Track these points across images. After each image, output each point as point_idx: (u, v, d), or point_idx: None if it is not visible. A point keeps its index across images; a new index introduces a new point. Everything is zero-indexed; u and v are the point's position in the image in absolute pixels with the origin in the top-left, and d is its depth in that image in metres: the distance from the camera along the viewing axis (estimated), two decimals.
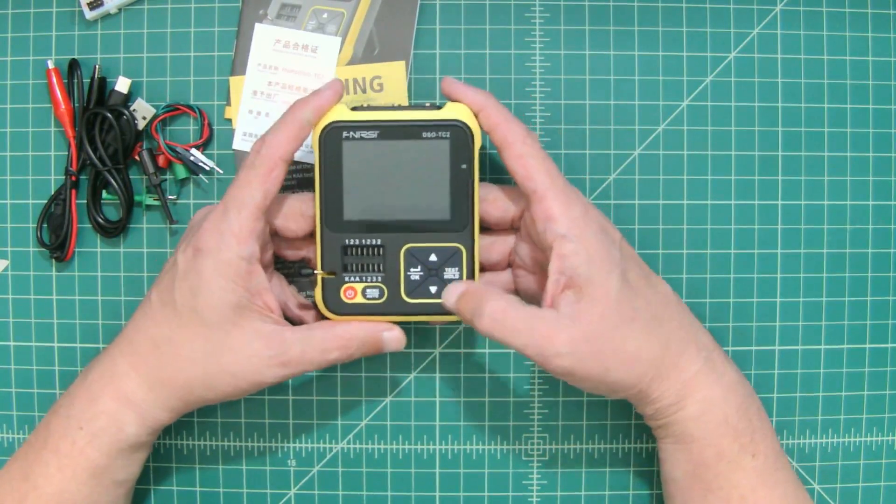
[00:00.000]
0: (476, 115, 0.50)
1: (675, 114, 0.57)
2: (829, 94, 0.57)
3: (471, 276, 0.51)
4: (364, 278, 0.51)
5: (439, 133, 0.50)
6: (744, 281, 0.57)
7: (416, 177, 0.50)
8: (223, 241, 0.48)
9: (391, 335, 0.51)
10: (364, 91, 0.57)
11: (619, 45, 0.57)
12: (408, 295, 0.51)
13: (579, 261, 0.47)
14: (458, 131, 0.50)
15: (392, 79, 0.57)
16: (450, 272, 0.51)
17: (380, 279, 0.51)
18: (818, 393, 0.58)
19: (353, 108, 0.50)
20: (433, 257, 0.51)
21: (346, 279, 0.51)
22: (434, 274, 0.51)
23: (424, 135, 0.50)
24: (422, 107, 0.50)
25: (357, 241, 0.51)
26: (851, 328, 0.58)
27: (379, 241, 0.51)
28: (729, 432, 0.49)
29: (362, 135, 0.50)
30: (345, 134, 0.50)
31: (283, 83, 0.57)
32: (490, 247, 0.53)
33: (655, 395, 0.49)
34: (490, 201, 0.52)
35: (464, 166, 0.50)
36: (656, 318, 0.49)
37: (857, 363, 0.58)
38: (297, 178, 0.57)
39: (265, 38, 0.57)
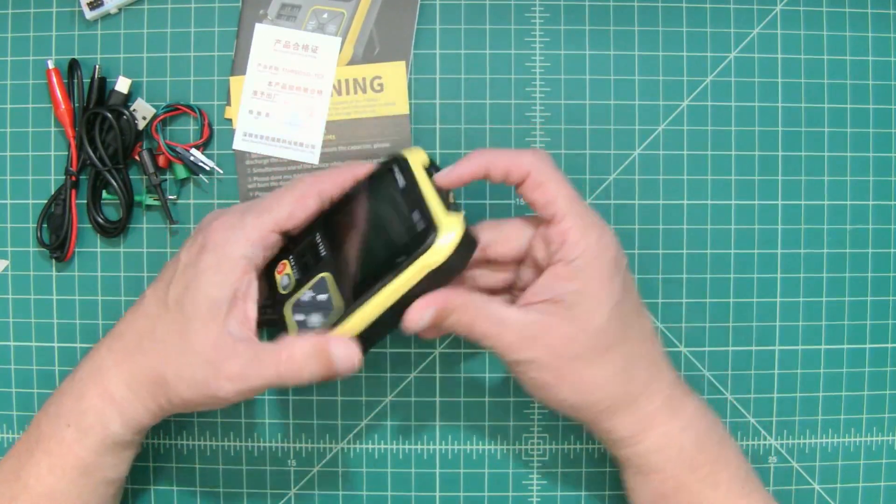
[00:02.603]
0: (496, 176, 0.49)
1: (675, 114, 0.57)
2: (829, 94, 0.57)
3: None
4: (292, 266, 0.51)
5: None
6: (744, 281, 0.57)
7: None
8: (231, 238, 0.48)
9: (341, 352, 0.47)
10: (364, 91, 0.57)
11: (619, 45, 0.57)
12: (287, 304, 0.50)
13: (573, 288, 0.47)
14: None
15: (392, 79, 0.57)
16: (314, 319, 0.49)
17: (297, 272, 0.50)
18: (818, 393, 0.58)
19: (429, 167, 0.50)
20: (320, 297, 0.49)
21: (282, 258, 0.51)
22: (312, 310, 0.49)
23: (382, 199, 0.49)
24: (446, 200, 0.48)
25: (310, 242, 0.50)
26: (851, 328, 0.58)
27: (323, 252, 0.50)
28: (685, 465, 0.49)
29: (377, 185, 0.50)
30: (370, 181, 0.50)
31: (284, 83, 0.57)
32: (492, 275, 0.53)
33: (606, 426, 0.49)
34: (501, 241, 0.51)
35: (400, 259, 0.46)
36: (629, 357, 0.49)
37: (857, 363, 0.58)
38: None
39: (265, 38, 0.57)
